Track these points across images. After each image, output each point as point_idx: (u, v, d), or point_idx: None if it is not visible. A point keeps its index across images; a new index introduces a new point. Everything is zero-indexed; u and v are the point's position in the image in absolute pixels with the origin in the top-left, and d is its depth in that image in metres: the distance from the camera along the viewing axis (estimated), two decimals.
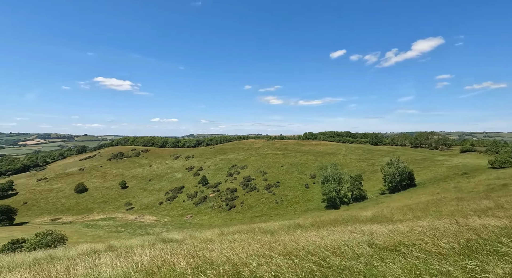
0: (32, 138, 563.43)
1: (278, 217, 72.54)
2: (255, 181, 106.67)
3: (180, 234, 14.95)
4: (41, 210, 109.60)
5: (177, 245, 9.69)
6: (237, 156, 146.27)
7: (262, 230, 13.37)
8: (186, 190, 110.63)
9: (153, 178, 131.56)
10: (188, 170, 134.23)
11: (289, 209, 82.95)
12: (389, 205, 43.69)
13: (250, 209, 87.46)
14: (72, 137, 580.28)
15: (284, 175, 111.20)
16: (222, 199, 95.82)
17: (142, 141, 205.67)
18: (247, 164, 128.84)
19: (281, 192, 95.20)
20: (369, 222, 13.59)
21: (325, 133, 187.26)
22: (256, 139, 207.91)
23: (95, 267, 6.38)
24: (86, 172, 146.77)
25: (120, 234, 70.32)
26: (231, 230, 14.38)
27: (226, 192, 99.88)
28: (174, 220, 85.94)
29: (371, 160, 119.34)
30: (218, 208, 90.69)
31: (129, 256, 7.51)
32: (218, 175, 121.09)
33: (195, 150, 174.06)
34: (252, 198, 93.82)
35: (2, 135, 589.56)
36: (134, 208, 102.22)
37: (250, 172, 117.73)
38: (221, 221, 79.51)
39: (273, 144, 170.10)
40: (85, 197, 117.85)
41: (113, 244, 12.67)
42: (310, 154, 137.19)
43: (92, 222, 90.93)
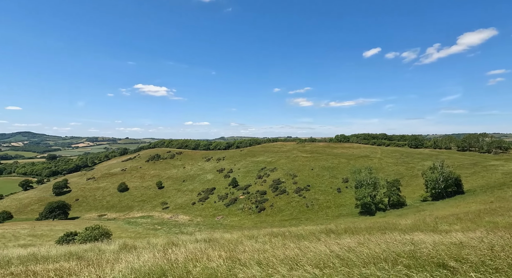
0: (83, 141, 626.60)
1: (309, 221, 70.81)
2: (285, 184, 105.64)
3: (212, 234, 15.36)
4: (90, 206, 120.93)
5: (210, 245, 9.97)
6: (266, 158, 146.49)
7: (293, 234, 13.16)
8: (217, 192, 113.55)
9: (186, 179, 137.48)
10: (219, 172, 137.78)
11: (320, 214, 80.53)
12: (432, 213, 40.05)
13: (280, 212, 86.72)
14: (115, 140, 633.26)
15: (314, 178, 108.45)
16: (252, 201, 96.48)
17: (176, 143, 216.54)
18: (277, 166, 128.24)
19: (311, 196, 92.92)
20: (409, 231, 12.61)
21: (358, 135, 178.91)
22: (285, 141, 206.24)
23: (137, 260, 6.85)
24: (127, 173, 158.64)
25: (157, 231, 74.52)
26: (261, 232, 14.40)
27: (256, 195, 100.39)
28: (206, 220, 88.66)
29: (411, 164, 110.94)
30: (248, 210, 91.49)
31: (166, 253, 7.93)
32: (248, 177, 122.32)
33: (225, 153, 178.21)
34: (282, 201, 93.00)
35: (59, 139, 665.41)
36: (169, 208, 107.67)
37: (280, 175, 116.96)
38: (251, 223, 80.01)
39: (303, 147, 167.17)
40: (126, 195, 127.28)
41: (152, 241, 13.48)
42: (342, 157, 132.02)
43: (133, 220, 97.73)
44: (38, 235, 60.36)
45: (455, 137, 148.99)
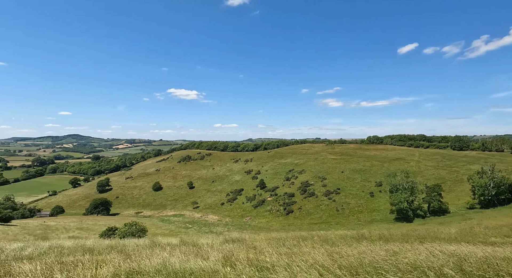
0: (122, 142, 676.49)
1: (339, 226, 68.23)
2: (314, 187, 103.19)
3: (240, 234, 15.52)
4: (128, 204, 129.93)
5: (238, 245, 10.09)
6: (294, 160, 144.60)
7: (322, 238, 12.77)
8: (245, 193, 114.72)
9: (215, 180, 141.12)
10: (247, 173, 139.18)
11: (351, 218, 77.16)
12: (481, 222, 36.10)
13: (309, 215, 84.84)
14: (150, 142, 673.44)
15: (345, 181, 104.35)
16: (280, 203, 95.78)
17: (206, 145, 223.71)
18: (305, 168, 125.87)
19: (342, 200, 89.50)
20: (453, 241, 11.49)
21: (393, 136, 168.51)
22: (314, 143, 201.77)
23: (171, 257, 7.18)
24: (161, 173, 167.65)
25: (188, 230, 77.49)
26: (289, 235, 14.20)
27: (284, 197, 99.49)
28: (234, 221, 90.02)
29: (454, 167, 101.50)
30: (276, 212, 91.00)
31: (197, 250, 8.19)
32: (276, 179, 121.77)
33: (253, 154, 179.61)
34: (310, 204, 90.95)
35: (102, 140, 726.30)
36: (200, 207, 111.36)
37: (308, 177, 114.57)
38: (279, 225, 79.41)
39: (332, 148, 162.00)
40: (160, 194, 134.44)
41: (184, 239, 14.03)
42: (375, 160, 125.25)
43: (166, 218, 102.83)
44: (85, 229, 66.37)
45: (508, 138, 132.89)
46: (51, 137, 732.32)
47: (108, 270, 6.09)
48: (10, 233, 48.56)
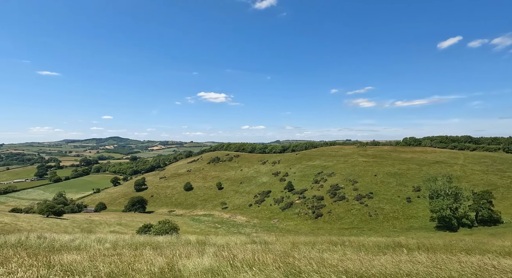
0: (156, 144, 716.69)
1: (372, 232, 64.68)
2: (344, 190, 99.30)
3: (268, 236, 15.47)
4: (162, 202, 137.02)
5: (266, 247, 10.06)
6: (323, 162, 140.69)
7: (354, 244, 12.20)
8: (273, 195, 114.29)
9: (243, 181, 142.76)
10: (274, 175, 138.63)
11: (386, 225, 72.70)
12: None
13: (339, 219, 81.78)
14: (182, 144, 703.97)
15: (378, 185, 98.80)
16: (308, 206, 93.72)
17: (234, 147, 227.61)
18: (335, 171, 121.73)
19: (375, 205, 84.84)
20: (507, 255, 10.21)
21: (432, 138, 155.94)
22: (344, 145, 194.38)
23: (201, 256, 7.41)
24: (191, 173, 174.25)
25: (217, 230, 79.34)
26: (318, 239, 13.81)
27: (312, 200, 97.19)
28: (262, 223, 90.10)
29: (507, 172, 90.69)
30: (304, 215, 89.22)
31: (226, 251, 8.34)
32: (304, 182, 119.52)
33: (280, 156, 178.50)
34: (340, 208, 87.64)
35: (138, 142, 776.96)
36: (228, 208, 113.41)
37: (338, 180, 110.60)
38: (308, 228, 77.68)
39: (364, 151, 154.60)
40: (191, 194, 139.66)
41: (212, 239, 14.39)
42: (413, 163, 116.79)
43: (196, 217, 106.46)
44: (123, 224, 71.37)
45: None
46: (95, 139, 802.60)
47: (144, 264, 6.47)
48: (62, 225, 54.04)
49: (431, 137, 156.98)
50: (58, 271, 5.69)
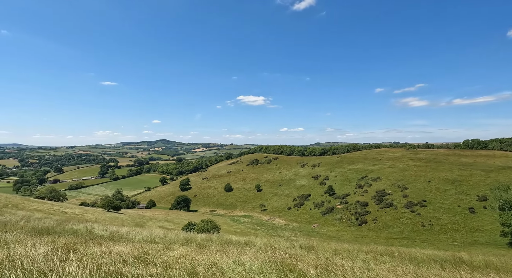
0: (199, 146, 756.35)
1: (426, 244, 58.28)
2: (392, 197, 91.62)
3: (308, 241, 15.06)
4: (204, 202, 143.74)
5: (306, 252, 9.81)
6: (367, 166, 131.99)
7: (405, 256, 11.14)
8: (313, 199, 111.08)
9: (282, 184, 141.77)
10: (314, 179, 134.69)
11: (443, 237, 64.83)
12: None
13: (386, 228, 75.64)
14: (222, 146, 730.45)
15: (433, 192, 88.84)
16: (351, 212, 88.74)
17: (272, 149, 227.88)
18: (381, 176, 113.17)
19: (429, 214, 76.42)
20: None
21: (502, 140, 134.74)
22: (391, 147, 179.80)
23: (241, 255, 7.58)
24: (231, 175, 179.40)
25: (256, 231, 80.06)
26: (363, 248, 12.96)
27: (356, 205, 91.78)
28: (301, 227, 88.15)
29: None
30: (346, 222, 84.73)
31: (266, 253, 8.38)
32: (346, 186, 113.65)
33: (320, 159, 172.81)
34: (388, 216, 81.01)
35: (183, 145, 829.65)
36: (267, 210, 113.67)
37: (385, 185, 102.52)
38: (351, 236, 73.48)
39: (415, 154, 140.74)
40: (231, 195, 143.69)
41: (252, 240, 14.57)
42: (476, 168, 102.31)
43: (236, 218, 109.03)
44: (170, 221, 76.69)
45: None
46: (146, 142, 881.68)
47: (188, 259, 6.87)
48: (119, 219, 60.50)
49: (501, 139, 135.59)
50: (115, 258, 6.38)
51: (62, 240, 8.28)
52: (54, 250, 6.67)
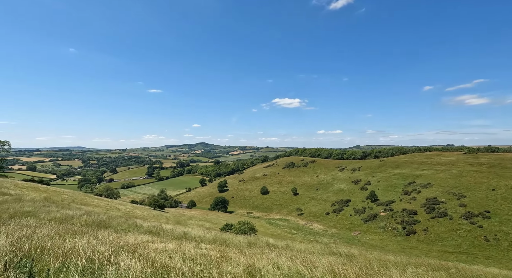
0: (236, 149, 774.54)
1: (492, 261, 50.89)
2: (446, 206, 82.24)
3: (349, 249, 14.30)
4: (241, 204, 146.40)
5: (347, 261, 9.34)
6: (415, 171, 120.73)
7: (464, 273, 9.88)
8: (353, 204, 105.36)
9: (319, 188, 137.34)
10: (354, 183, 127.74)
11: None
12: None
13: (440, 240, 68.01)
14: (258, 149, 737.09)
15: (498, 202, 77.42)
16: (397, 220, 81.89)
17: (309, 152, 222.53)
18: (432, 182, 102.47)
19: (494, 227, 66.69)
20: None
21: None
22: (444, 151, 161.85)
23: (280, 259, 7.54)
24: (267, 178, 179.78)
25: (293, 235, 78.71)
26: (412, 261, 11.85)
27: (402, 213, 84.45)
28: (341, 233, 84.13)
29: None
30: (391, 231, 78.40)
31: (303, 258, 8.20)
32: (390, 192, 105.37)
33: (361, 163, 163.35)
34: (441, 227, 72.83)
35: (221, 147, 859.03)
36: (304, 214, 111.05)
37: (437, 192, 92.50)
38: (397, 246, 67.70)
39: (475, 158, 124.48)
40: (267, 198, 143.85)
41: (289, 244, 14.39)
42: None
43: (272, 221, 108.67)
44: (208, 221, 79.70)
45: None
46: (187, 144, 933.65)
47: (228, 260, 7.06)
48: (164, 217, 64.96)
49: None
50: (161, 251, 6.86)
51: (117, 235, 9.21)
52: (111, 243, 7.46)
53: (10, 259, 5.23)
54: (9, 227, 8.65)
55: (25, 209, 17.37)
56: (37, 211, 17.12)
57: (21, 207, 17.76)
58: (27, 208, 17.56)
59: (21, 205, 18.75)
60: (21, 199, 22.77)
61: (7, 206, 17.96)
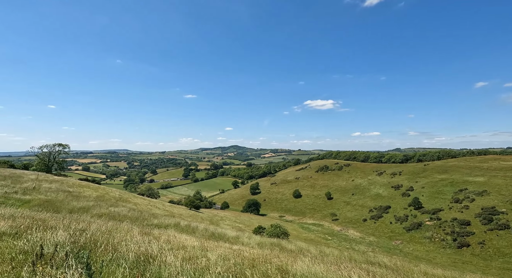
0: (267, 152, 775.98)
1: None
2: (507, 217, 72.24)
3: (390, 260, 13.33)
4: (273, 207, 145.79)
5: (389, 272, 8.71)
6: (466, 177, 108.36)
7: None
8: (393, 211, 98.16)
9: (355, 193, 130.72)
10: (395, 189, 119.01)
11: None
12: None
13: (501, 256, 59.90)
14: (290, 152, 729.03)
15: None
16: (446, 231, 74.18)
17: (344, 155, 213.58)
18: (488, 189, 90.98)
19: None
20: None
21: None
22: (503, 155, 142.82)
23: (314, 265, 7.35)
24: (299, 181, 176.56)
25: (328, 241, 75.94)
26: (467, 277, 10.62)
27: (452, 224, 76.30)
28: (380, 242, 78.85)
29: None
30: (440, 242, 71.22)
31: (339, 264, 7.87)
32: (437, 200, 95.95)
33: (402, 167, 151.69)
34: (502, 241, 64.11)
35: (252, 150, 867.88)
36: (339, 220, 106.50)
37: (495, 201, 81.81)
38: (446, 260, 61.21)
39: None
40: (300, 202, 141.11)
41: (323, 250, 13.91)
42: None
43: (305, 225, 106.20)
44: (241, 222, 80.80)
45: None
46: (220, 147, 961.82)
47: (263, 263, 7.08)
48: (199, 217, 67.63)
49: None
50: (197, 250, 7.14)
51: (158, 231, 9.84)
52: (155, 239, 8.00)
53: (70, 249, 5.94)
54: (68, 221, 9.81)
55: (80, 205, 19.50)
56: (90, 207, 19.11)
57: (78, 204, 19.98)
58: (82, 205, 19.70)
59: (78, 202, 21.09)
60: (78, 196, 25.62)
61: (67, 202, 20.35)
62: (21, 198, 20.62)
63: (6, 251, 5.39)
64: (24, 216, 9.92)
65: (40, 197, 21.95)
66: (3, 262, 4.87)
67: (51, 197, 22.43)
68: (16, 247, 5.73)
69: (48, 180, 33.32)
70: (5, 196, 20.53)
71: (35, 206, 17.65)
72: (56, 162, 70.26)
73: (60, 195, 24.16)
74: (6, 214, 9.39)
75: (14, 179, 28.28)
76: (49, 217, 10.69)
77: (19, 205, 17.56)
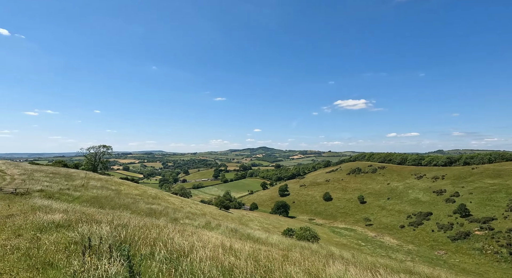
0: (296, 154, 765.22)
1: None
2: None
3: (432, 271, 12.28)
4: (302, 209, 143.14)
5: None
6: None
7: None
8: (435, 218, 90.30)
9: (391, 197, 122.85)
10: (437, 194, 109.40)
11: None
12: None
13: None
14: (320, 153, 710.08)
15: None
16: (500, 243, 66.19)
17: (378, 157, 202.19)
18: None
19: None
20: None
21: None
22: None
23: (347, 272, 7.07)
24: (330, 183, 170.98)
25: (361, 247, 72.37)
26: None
27: (508, 235, 67.84)
28: (420, 251, 72.98)
29: None
30: (492, 255, 63.77)
31: (373, 272, 7.46)
32: (489, 207, 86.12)
33: (445, 170, 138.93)
34: None
35: (281, 152, 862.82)
36: (373, 226, 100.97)
37: None
38: (501, 275, 54.55)
39: None
40: (330, 205, 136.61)
41: (356, 256, 13.29)
42: None
43: (337, 229, 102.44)
44: (270, 224, 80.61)
45: None
46: (249, 149, 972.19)
47: (293, 263, 7.01)
48: (228, 217, 69.08)
49: None
50: (227, 249, 7.30)
51: (191, 229, 10.26)
52: (188, 236, 8.36)
53: (112, 242, 6.49)
54: (111, 217, 10.71)
55: (121, 202, 21.16)
56: (130, 204, 20.63)
57: (119, 200, 21.70)
58: (123, 202, 21.35)
59: (119, 199, 22.90)
60: (119, 194, 27.81)
61: (110, 199, 22.23)
62: (72, 194, 23.03)
63: (61, 241, 6.08)
64: (75, 210, 11.07)
65: (88, 193, 24.29)
66: (59, 251, 5.50)
67: (97, 194, 24.70)
68: (69, 238, 6.43)
69: (94, 179, 36.70)
70: (60, 192, 23.10)
71: (83, 201, 19.58)
72: (101, 162, 77.24)
73: (104, 192, 26.50)
74: (61, 208, 10.56)
75: (67, 177, 31.64)
76: (95, 212, 11.79)
77: (70, 201, 19.63)
